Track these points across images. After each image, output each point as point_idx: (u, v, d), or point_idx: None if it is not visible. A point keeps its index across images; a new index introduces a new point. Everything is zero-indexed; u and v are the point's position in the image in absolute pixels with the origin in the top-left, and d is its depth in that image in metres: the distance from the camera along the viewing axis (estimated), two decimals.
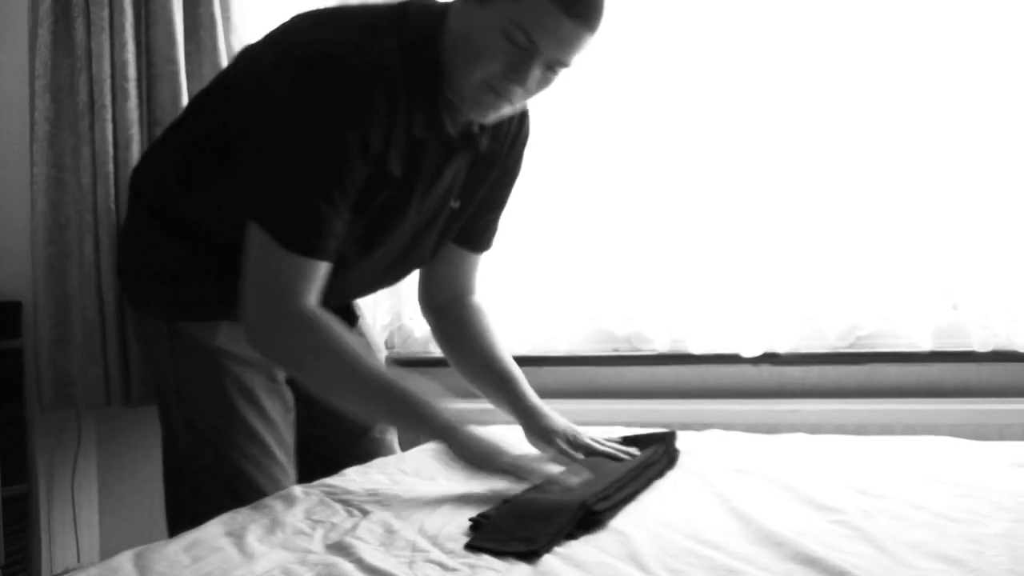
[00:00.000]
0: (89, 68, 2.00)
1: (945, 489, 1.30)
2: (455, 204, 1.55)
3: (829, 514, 1.20)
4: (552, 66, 1.34)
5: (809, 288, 2.17)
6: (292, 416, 1.63)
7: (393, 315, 2.49)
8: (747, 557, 1.03)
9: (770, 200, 2.18)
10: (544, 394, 2.33)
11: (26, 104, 2.07)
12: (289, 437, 1.61)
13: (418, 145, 1.41)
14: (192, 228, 1.51)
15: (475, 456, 1.40)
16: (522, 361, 2.34)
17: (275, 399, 1.59)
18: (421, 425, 1.47)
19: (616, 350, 2.33)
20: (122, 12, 1.99)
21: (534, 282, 2.34)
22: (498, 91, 1.34)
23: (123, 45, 1.99)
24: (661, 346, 2.26)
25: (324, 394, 1.44)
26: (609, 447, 1.51)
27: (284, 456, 1.58)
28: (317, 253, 1.34)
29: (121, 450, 2.34)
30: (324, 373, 1.40)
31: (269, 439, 1.55)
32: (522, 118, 1.61)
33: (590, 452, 1.50)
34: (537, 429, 1.58)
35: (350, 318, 1.68)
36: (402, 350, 2.55)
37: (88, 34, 2.00)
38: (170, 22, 2.02)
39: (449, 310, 1.73)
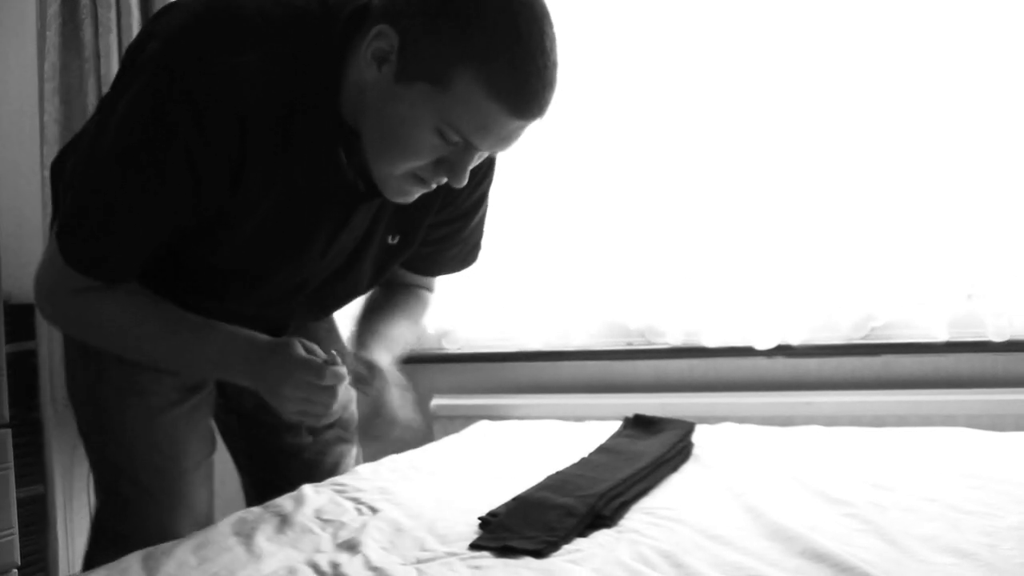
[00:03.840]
0: (97, 69, 2.01)
1: (959, 481, 1.29)
2: (392, 240, 1.34)
3: (841, 508, 1.19)
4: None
5: (823, 279, 2.15)
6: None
7: None
8: (757, 553, 1.02)
9: (783, 191, 2.16)
10: (559, 389, 2.35)
11: (36, 107, 2.08)
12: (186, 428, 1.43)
13: (302, 192, 1.18)
14: None
15: (270, 395, 1.22)
16: (535, 356, 2.35)
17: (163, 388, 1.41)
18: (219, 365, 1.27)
19: (629, 344, 2.32)
20: (129, 13, 2.00)
21: (547, 277, 2.34)
22: (426, 181, 1.15)
23: None
24: (674, 339, 2.25)
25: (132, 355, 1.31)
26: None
27: (172, 446, 1.42)
28: (101, 276, 1.18)
29: None
30: (111, 336, 1.26)
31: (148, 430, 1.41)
32: (488, 166, 1.38)
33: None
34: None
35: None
36: (416, 347, 2.54)
37: (96, 35, 2.01)
38: None
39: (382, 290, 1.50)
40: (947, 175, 2.07)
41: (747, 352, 2.18)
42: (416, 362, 2.53)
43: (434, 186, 1.17)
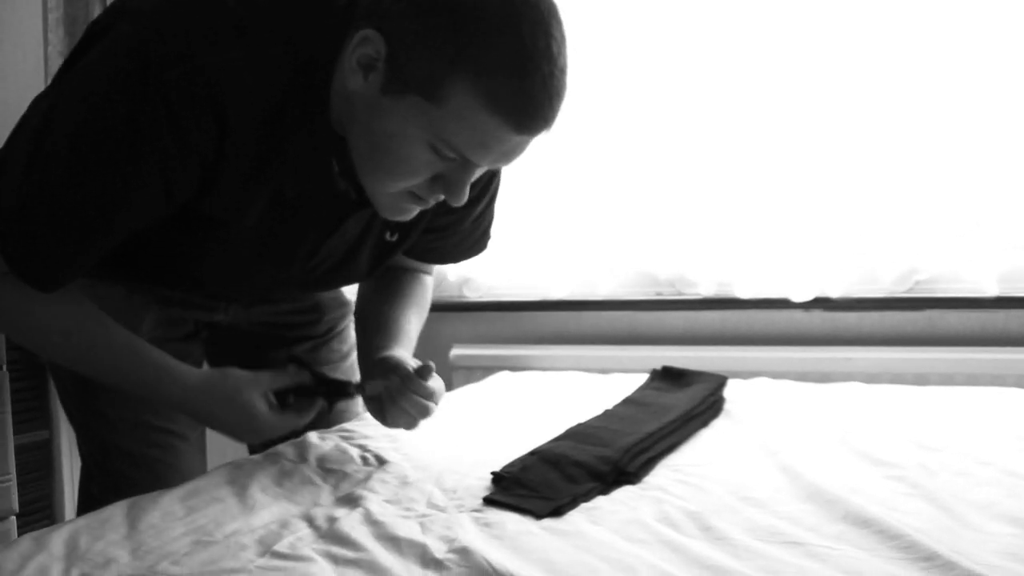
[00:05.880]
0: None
1: (1014, 444, 1.21)
2: (391, 237, 1.25)
3: (885, 469, 1.11)
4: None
5: (864, 228, 2.05)
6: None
7: None
8: (793, 516, 0.94)
9: (822, 135, 2.06)
10: (582, 340, 2.28)
11: (40, 38, 2.01)
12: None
13: (290, 202, 1.08)
14: None
15: (229, 436, 1.20)
16: (559, 305, 2.29)
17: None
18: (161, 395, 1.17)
19: (659, 294, 2.26)
20: None
21: (573, 223, 2.26)
22: (423, 198, 1.05)
23: None
24: (706, 290, 2.18)
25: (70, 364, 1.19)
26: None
27: (160, 415, 1.34)
28: (46, 286, 1.04)
29: None
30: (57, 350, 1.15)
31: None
32: (492, 174, 1.27)
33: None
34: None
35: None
36: (436, 295, 2.48)
37: None
38: None
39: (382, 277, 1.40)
40: (998, 119, 1.95)
41: (783, 304, 2.11)
42: (435, 310, 2.49)
43: (432, 203, 1.07)
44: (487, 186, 1.31)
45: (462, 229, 1.35)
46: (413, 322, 1.38)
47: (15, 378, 1.80)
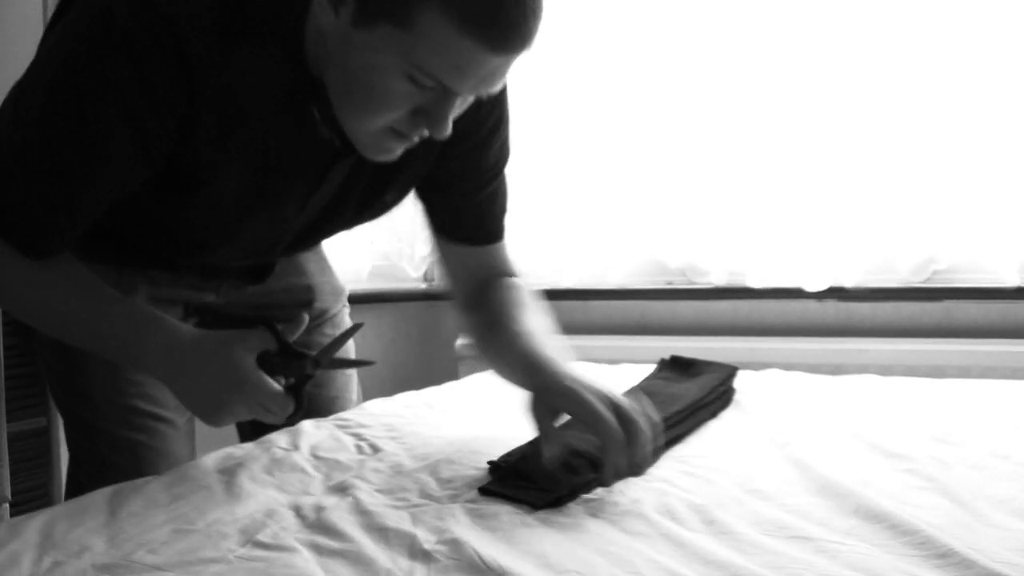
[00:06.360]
0: None
1: None
2: (390, 198, 1.22)
3: (899, 462, 1.06)
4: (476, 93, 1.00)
5: (880, 216, 2.03)
6: None
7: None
8: (802, 510, 0.90)
9: (838, 119, 2.03)
10: (591, 330, 2.26)
11: (38, 30, 1.97)
12: None
13: (271, 153, 1.06)
14: None
15: (198, 407, 1.08)
16: (567, 295, 2.26)
17: None
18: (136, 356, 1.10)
19: (669, 283, 2.25)
20: None
21: (582, 211, 2.24)
22: (405, 135, 1.01)
23: None
24: (717, 279, 2.17)
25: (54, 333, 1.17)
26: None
27: (147, 399, 1.31)
28: (35, 250, 1.04)
29: None
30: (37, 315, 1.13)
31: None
32: (494, 104, 1.17)
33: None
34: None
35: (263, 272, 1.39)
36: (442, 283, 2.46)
37: None
38: None
39: (474, 301, 1.32)
40: (1017, 104, 1.91)
41: (796, 294, 2.10)
42: (442, 299, 2.48)
43: (416, 139, 1.03)
44: (495, 127, 1.23)
45: (479, 170, 1.25)
46: (536, 327, 1.24)
47: (12, 364, 1.76)
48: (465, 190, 1.26)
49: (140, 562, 0.78)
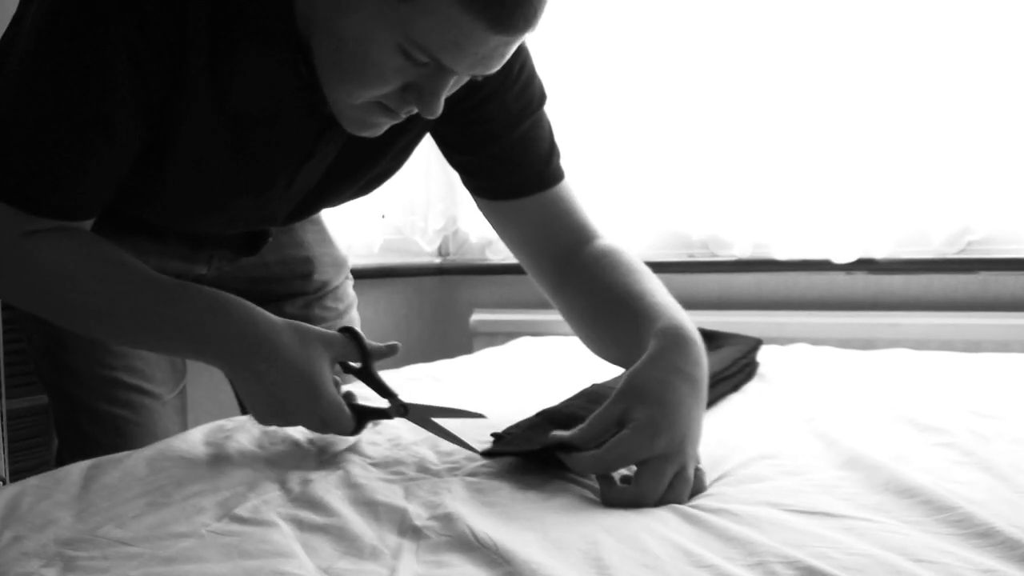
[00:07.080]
0: None
1: None
2: (387, 167, 1.17)
3: (934, 435, 0.99)
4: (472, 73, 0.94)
5: (912, 184, 1.95)
6: None
7: (448, 219, 2.35)
8: (827, 485, 0.83)
9: (867, 83, 1.95)
10: None
11: None
12: None
13: (255, 119, 1.00)
14: None
15: (258, 407, 0.97)
16: None
17: None
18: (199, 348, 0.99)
19: (691, 255, 2.20)
20: None
21: (601, 181, 2.18)
22: (393, 110, 0.95)
23: None
24: (741, 251, 2.11)
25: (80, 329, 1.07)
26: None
27: (134, 373, 1.25)
28: (46, 212, 0.96)
29: None
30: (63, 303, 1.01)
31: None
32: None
33: None
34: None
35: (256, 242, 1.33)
36: (457, 257, 2.41)
37: None
38: None
39: (563, 279, 1.20)
40: None
41: (824, 266, 2.04)
42: (456, 273, 2.44)
43: (403, 116, 0.96)
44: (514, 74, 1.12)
45: (507, 113, 1.14)
46: (647, 289, 1.11)
47: (11, 340, 1.73)
48: (496, 131, 1.15)
49: (105, 536, 0.72)
